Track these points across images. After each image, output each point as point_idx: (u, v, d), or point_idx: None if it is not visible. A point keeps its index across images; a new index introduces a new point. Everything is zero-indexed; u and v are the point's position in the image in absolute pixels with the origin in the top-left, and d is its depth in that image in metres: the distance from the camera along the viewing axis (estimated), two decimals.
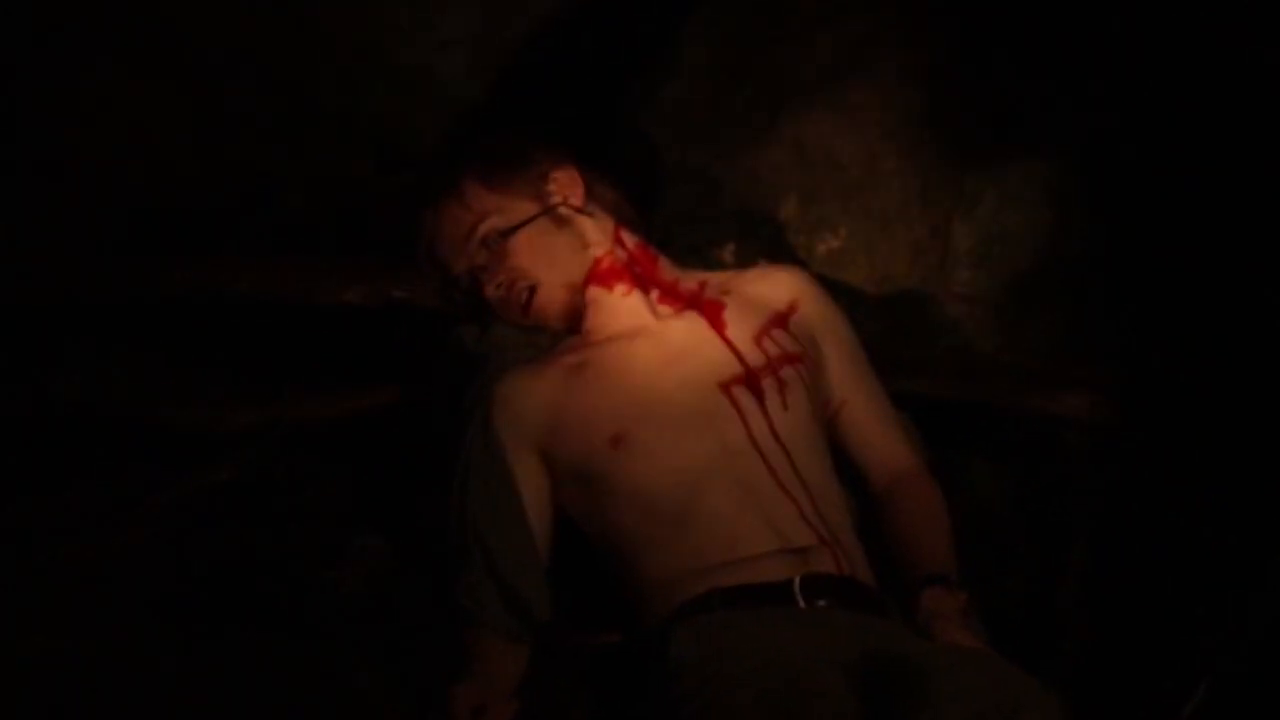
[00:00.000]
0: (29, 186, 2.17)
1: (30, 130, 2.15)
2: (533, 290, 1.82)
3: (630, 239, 1.88)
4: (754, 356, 1.77)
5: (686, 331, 1.80)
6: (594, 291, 1.83)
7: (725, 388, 1.74)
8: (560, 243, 1.83)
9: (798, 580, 1.62)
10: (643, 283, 1.84)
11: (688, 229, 2.10)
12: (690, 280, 1.88)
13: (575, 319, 1.84)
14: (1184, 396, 2.03)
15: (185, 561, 1.89)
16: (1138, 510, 2.01)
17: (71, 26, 2.13)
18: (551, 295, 1.83)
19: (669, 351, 1.78)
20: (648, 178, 2.09)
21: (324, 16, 2.12)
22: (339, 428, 2.03)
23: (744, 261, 2.01)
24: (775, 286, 1.86)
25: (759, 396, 1.74)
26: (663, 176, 2.12)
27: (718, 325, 1.80)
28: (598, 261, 1.84)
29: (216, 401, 2.07)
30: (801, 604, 1.60)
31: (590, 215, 1.86)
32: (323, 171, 2.16)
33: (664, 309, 1.83)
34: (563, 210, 1.85)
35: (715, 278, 1.90)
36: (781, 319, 1.83)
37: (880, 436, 1.84)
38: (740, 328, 1.79)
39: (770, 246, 2.07)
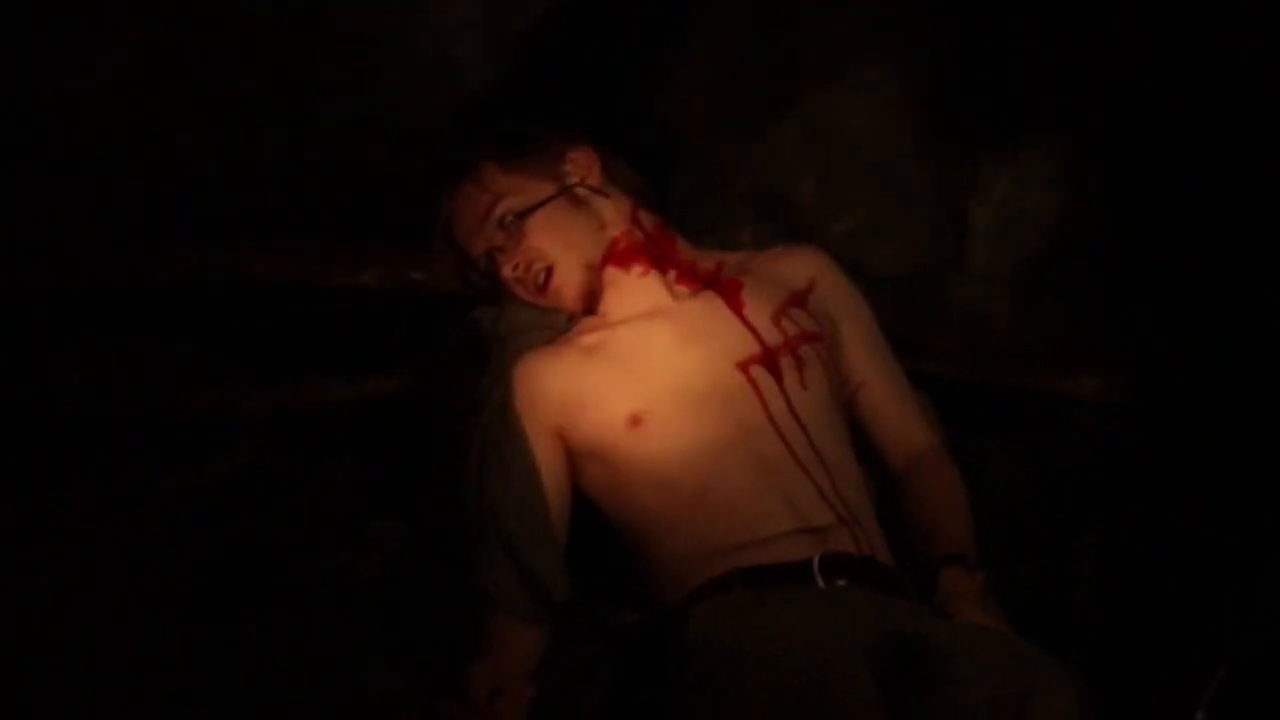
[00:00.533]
0: (38, 177, 2.16)
1: (39, 122, 2.14)
2: (550, 271, 1.82)
3: (647, 219, 1.87)
4: (772, 336, 1.77)
5: (704, 311, 1.80)
6: (611, 272, 1.83)
7: (743, 367, 1.74)
8: (577, 223, 1.83)
9: (817, 560, 1.61)
10: (660, 263, 1.84)
11: (704, 210, 2.09)
12: (708, 260, 1.88)
13: (592, 299, 1.83)
14: (1198, 377, 2.02)
15: (197, 549, 1.89)
16: (1154, 491, 2.01)
17: (81, 16, 2.12)
18: (569, 276, 1.82)
19: (686, 331, 1.77)
20: (664, 159, 2.09)
21: (336, 1, 2.13)
22: (354, 412, 2.03)
23: (761, 242, 2.00)
24: (793, 266, 1.86)
25: (777, 376, 1.74)
26: (678, 157, 2.11)
27: (735, 305, 1.80)
28: (615, 242, 1.83)
29: (229, 386, 2.07)
30: (820, 584, 1.60)
31: (607, 195, 1.86)
32: (336, 156, 2.15)
33: (681, 289, 1.83)
34: (579, 191, 1.84)
35: (733, 258, 1.89)
36: (800, 298, 1.83)
37: (898, 417, 1.85)
38: (758, 307, 1.79)
39: (787, 227, 2.06)
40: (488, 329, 1.87)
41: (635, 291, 1.82)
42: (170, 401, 2.06)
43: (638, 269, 1.83)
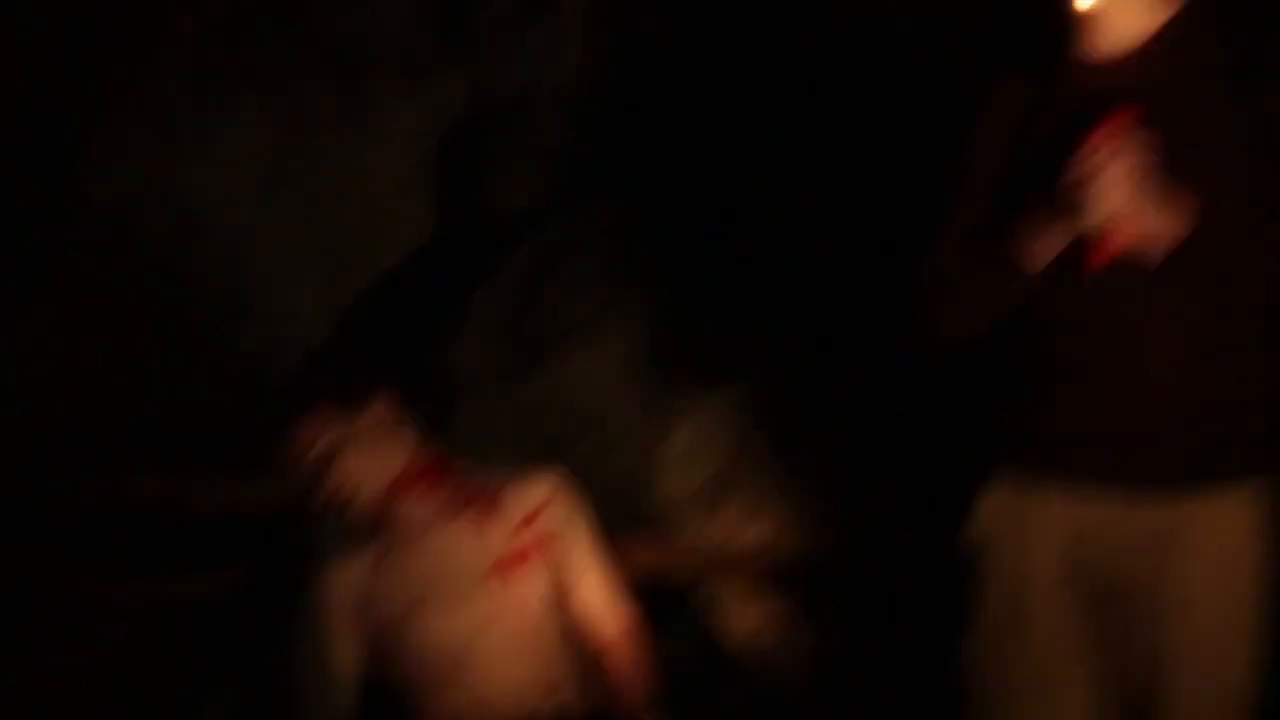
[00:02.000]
0: None
1: None
2: (355, 491, 2.25)
3: (431, 449, 2.36)
4: (510, 546, 2.33)
5: (468, 523, 2.33)
6: (401, 491, 2.33)
7: (488, 573, 2.31)
8: (379, 453, 2.31)
9: None
10: (438, 485, 2.34)
11: (478, 440, 2.72)
12: (475, 481, 2.38)
13: (387, 514, 2.33)
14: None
15: None
16: None
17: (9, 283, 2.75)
18: (370, 495, 2.29)
19: (454, 540, 2.31)
20: (447, 400, 2.72)
21: (198, 266, 2.76)
22: (209, 602, 2.59)
23: (519, 467, 2.48)
24: (534, 488, 2.39)
25: (512, 578, 2.31)
26: (458, 398, 2.76)
27: (487, 521, 2.34)
28: (406, 468, 2.31)
29: (107, 576, 2.61)
30: None
31: (402, 431, 2.36)
32: (201, 402, 2.77)
33: (453, 505, 2.34)
34: (382, 427, 2.35)
35: (494, 479, 2.40)
36: (535, 516, 2.37)
37: (600, 607, 2.40)
38: (504, 522, 2.34)
39: (539, 455, 2.68)
40: (308, 538, 2.41)
41: (419, 507, 2.33)
42: (58, 585, 2.60)
43: (421, 489, 2.34)
